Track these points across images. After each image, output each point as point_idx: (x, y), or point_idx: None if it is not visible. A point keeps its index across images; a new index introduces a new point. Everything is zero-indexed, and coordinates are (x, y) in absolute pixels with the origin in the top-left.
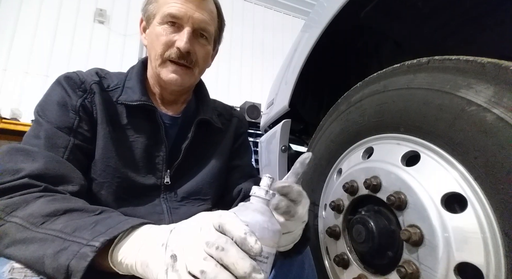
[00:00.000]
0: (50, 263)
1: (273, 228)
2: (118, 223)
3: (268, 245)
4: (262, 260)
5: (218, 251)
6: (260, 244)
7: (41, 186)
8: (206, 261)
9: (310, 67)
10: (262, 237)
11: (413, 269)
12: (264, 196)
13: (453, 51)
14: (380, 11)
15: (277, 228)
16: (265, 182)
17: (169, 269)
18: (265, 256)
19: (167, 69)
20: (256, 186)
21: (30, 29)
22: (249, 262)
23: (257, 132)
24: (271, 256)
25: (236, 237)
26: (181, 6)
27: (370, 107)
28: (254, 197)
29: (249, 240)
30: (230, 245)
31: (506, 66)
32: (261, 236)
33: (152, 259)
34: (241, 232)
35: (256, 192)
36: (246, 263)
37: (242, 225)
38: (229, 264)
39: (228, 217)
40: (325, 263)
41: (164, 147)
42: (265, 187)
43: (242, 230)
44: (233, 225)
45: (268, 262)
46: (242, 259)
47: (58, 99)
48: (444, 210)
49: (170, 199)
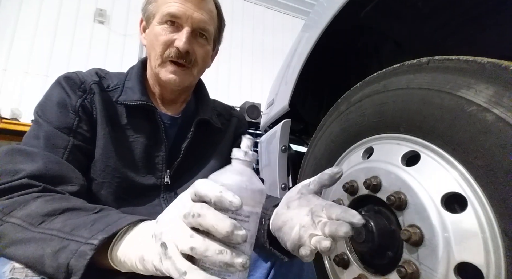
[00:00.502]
0: (50, 262)
1: (252, 187)
2: (116, 221)
3: (248, 204)
4: (243, 219)
5: (195, 218)
6: (239, 198)
7: (40, 186)
8: (193, 238)
9: (310, 67)
10: (240, 196)
11: (413, 269)
12: (243, 157)
13: (453, 51)
14: (380, 11)
15: (258, 187)
16: (245, 143)
17: (163, 258)
18: (246, 215)
19: (166, 69)
20: (236, 148)
21: (30, 29)
22: (229, 221)
23: (257, 132)
24: (253, 215)
25: (212, 197)
26: (180, 5)
27: (370, 107)
28: (234, 159)
29: (225, 196)
30: (206, 209)
31: (506, 66)
32: (239, 195)
33: (146, 251)
34: (216, 191)
35: (235, 154)
36: (225, 223)
37: (216, 185)
38: (209, 228)
39: (201, 182)
40: (325, 263)
41: (164, 147)
42: (245, 148)
43: (217, 189)
44: (207, 188)
45: (251, 221)
46: (221, 220)
47: (58, 99)
48: (444, 210)
49: (170, 199)
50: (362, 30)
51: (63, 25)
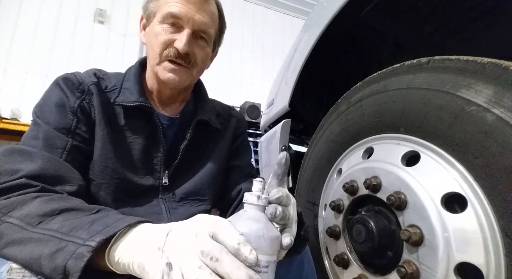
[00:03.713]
0: (47, 263)
1: (269, 234)
2: (114, 222)
3: (267, 253)
4: (261, 270)
5: (212, 262)
6: (256, 254)
7: (39, 186)
8: (201, 270)
9: (310, 67)
10: (259, 245)
11: (413, 269)
12: (257, 202)
13: (453, 51)
14: (380, 11)
15: (274, 234)
16: (257, 187)
17: (165, 277)
18: (264, 265)
19: (165, 68)
20: (248, 193)
21: (30, 29)
22: (245, 272)
23: (257, 132)
24: (271, 264)
25: (230, 248)
26: (182, 6)
27: (370, 107)
28: (247, 204)
29: (243, 251)
30: (225, 254)
31: (506, 66)
32: (257, 245)
33: (148, 262)
34: (235, 242)
35: (248, 199)
36: (241, 273)
37: (236, 235)
38: (224, 275)
39: (222, 226)
40: (325, 263)
41: (162, 147)
42: (257, 192)
43: (235, 240)
44: (227, 235)
45: (269, 271)
46: (237, 269)
47: (56, 100)
48: (444, 210)
49: (169, 199)
50: (362, 30)
51: (63, 25)
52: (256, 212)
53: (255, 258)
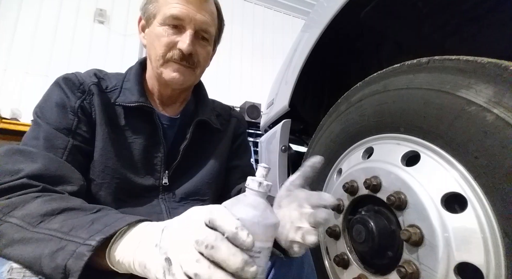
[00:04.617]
0: (47, 263)
1: (265, 222)
2: (114, 221)
3: (261, 240)
4: (253, 255)
5: (208, 250)
6: (252, 238)
7: (40, 186)
8: (199, 263)
9: (310, 67)
10: (253, 232)
11: (413, 269)
12: (258, 188)
13: (453, 51)
14: (380, 11)
15: (270, 222)
16: (260, 173)
17: (166, 273)
18: (257, 251)
19: (169, 68)
20: (250, 177)
21: (30, 29)
22: (241, 257)
23: (257, 132)
24: (264, 250)
25: (228, 232)
26: (182, 7)
27: (370, 107)
28: (248, 189)
29: (240, 235)
30: (220, 241)
31: (506, 66)
32: (252, 231)
33: (148, 260)
34: (233, 226)
35: (250, 184)
36: (237, 259)
37: (233, 220)
38: (221, 261)
39: (219, 212)
40: (325, 263)
41: (162, 147)
42: (260, 178)
43: (233, 224)
44: (225, 220)
45: (262, 256)
46: (233, 255)
47: (57, 100)
48: (444, 210)
49: (169, 199)
50: (362, 30)
51: (63, 25)
52: (255, 198)
53: (252, 242)
